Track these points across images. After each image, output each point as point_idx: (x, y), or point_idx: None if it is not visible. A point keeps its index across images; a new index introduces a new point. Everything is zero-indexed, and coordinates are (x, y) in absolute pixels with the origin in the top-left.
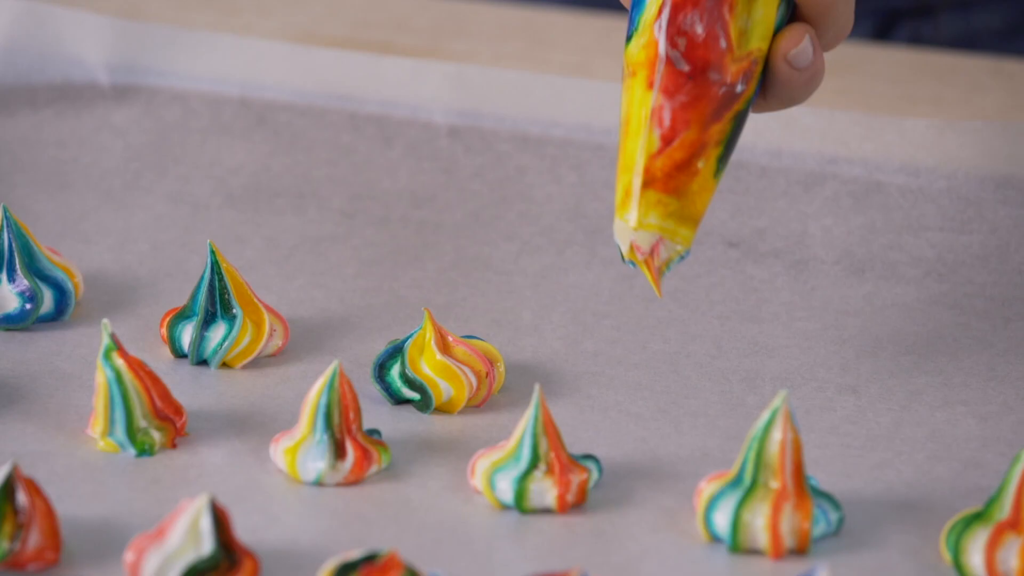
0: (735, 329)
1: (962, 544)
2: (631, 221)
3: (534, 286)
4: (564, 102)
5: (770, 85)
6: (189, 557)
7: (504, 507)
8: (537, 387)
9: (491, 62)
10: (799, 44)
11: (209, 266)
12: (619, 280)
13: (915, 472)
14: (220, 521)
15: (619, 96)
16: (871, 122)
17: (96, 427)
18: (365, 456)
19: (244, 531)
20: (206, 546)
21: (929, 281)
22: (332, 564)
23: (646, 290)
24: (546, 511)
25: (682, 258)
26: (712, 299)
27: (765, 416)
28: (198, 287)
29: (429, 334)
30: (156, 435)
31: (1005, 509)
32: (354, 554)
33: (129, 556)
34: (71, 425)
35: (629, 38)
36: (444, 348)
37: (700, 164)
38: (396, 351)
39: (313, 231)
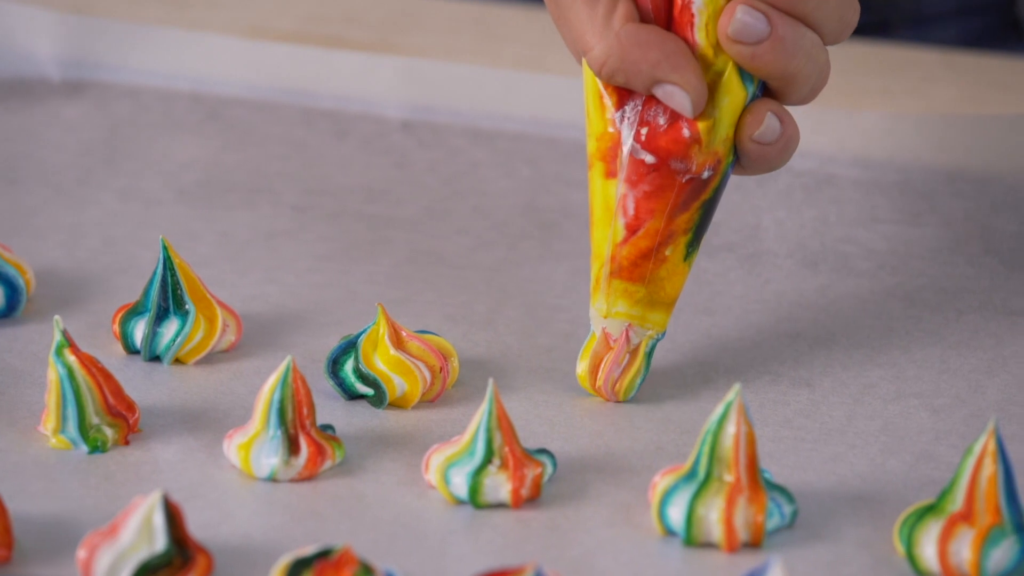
0: (689, 322)
1: (915, 536)
2: (601, 310)
3: (488, 280)
4: (517, 96)
5: (744, 161)
6: (142, 554)
7: (458, 502)
8: (491, 382)
9: (444, 56)
10: (761, 125)
11: (161, 262)
12: (573, 274)
13: (868, 465)
14: (173, 517)
15: (569, 88)
16: (823, 115)
17: (48, 424)
18: (319, 451)
19: (197, 527)
20: (159, 543)
21: (882, 274)
22: (286, 560)
23: None
24: (500, 506)
25: (658, 339)
26: None
27: (719, 410)
28: (150, 283)
29: (383, 329)
30: (109, 432)
31: (958, 501)
32: (308, 550)
33: (82, 553)
34: (23, 422)
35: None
36: (398, 343)
37: (668, 252)
38: (350, 346)
39: (266, 226)
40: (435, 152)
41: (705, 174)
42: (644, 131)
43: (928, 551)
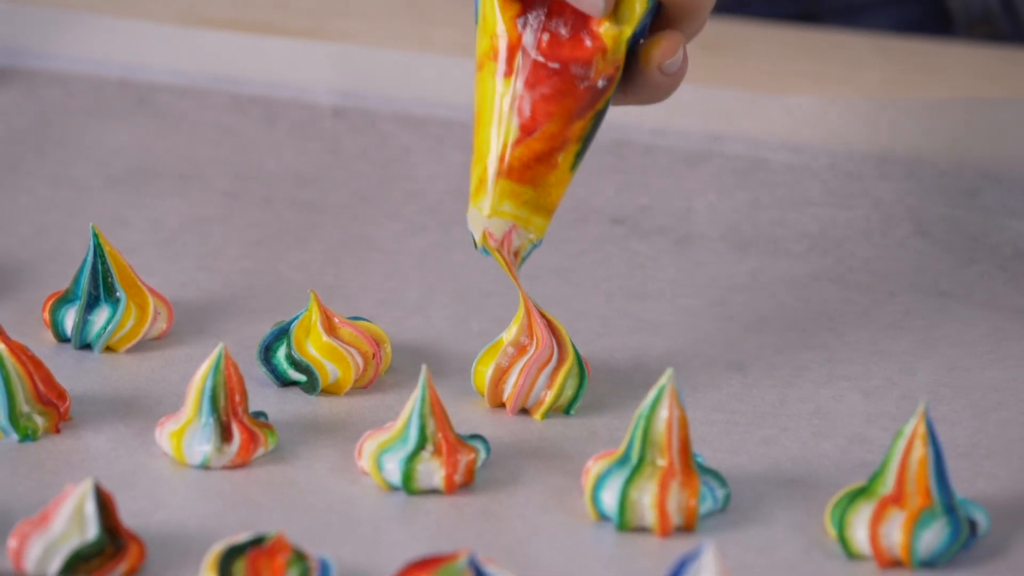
0: (621, 306)
1: (847, 519)
2: (484, 209)
3: (420, 265)
4: (448, 81)
5: (637, 86)
6: (73, 542)
7: (391, 488)
8: (424, 368)
9: (374, 42)
10: (674, 54)
11: (92, 249)
12: None
13: (800, 448)
14: (105, 506)
15: None
16: (754, 99)
17: None
18: (251, 439)
19: (129, 516)
20: (91, 531)
21: (813, 256)
22: (219, 548)
23: (531, 268)
24: (434, 492)
25: (535, 246)
26: (597, 276)
27: (652, 394)
28: (81, 270)
29: (315, 316)
30: (39, 420)
31: (889, 484)
32: (241, 537)
33: (12, 542)
34: None
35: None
36: (330, 330)
37: (560, 158)
38: (282, 333)
39: (197, 213)
40: (366, 138)
41: (600, 83)
42: (545, 38)
43: (859, 534)
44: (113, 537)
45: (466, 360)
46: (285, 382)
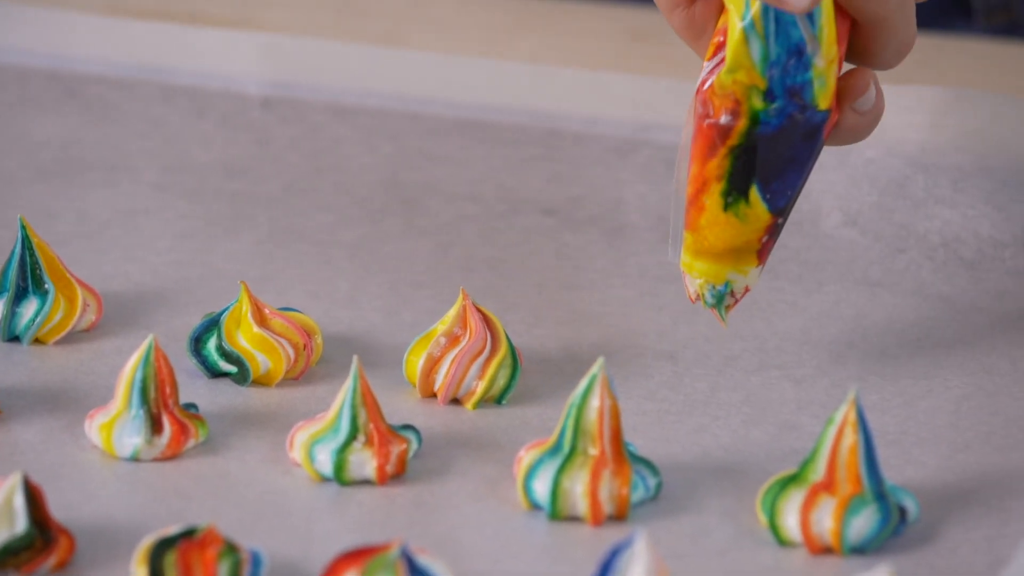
0: (553, 297)
1: (778, 506)
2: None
3: (351, 257)
4: (378, 71)
5: (837, 128)
6: (2, 536)
7: (323, 479)
8: (355, 359)
9: (304, 32)
10: (864, 93)
11: (19, 241)
12: (436, 250)
13: (731, 436)
14: (34, 499)
15: (430, 64)
16: (684, 88)
17: None
18: (182, 430)
19: (59, 508)
20: (19, 524)
21: None
22: (149, 540)
23: (463, 259)
24: (366, 482)
25: (719, 291)
26: (529, 267)
27: (583, 383)
28: (8, 262)
29: (245, 307)
30: None
31: (819, 471)
32: (172, 530)
33: None
34: None
35: None
36: (261, 320)
37: (705, 200)
38: (212, 324)
39: (125, 204)
40: (296, 129)
41: (723, 119)
42: (699, 82)
43: (790, 521)
44: (42, 530)
45: (398, 351)
46: (216, 373)
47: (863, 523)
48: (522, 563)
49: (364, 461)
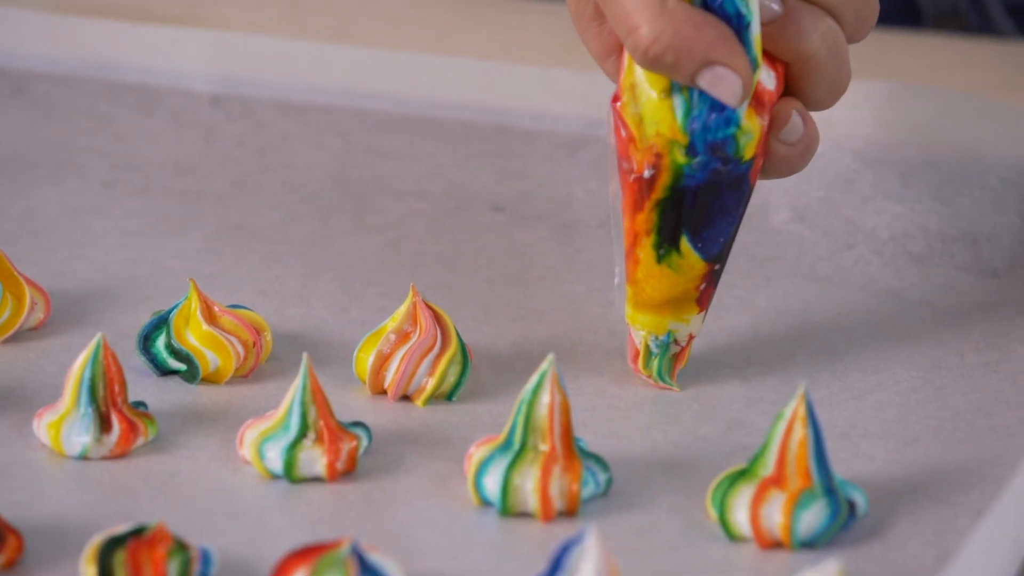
0: (502, 294)
1: (727, 501)
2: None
3: (300, 254)
4: (326, 68)
5: (768, 160)
6: None
7: (274, 477)
8: (305, 356)
9: (251, 29)
10: (787, 122)
11: None
12: (385, 247)
13: (681, 432)
14: None
15: (379, 60)
16: None
17: None
18: (131, 428)
19: (7, 508)
20: None
21: None
22: (98, 539)
23: (413, 256)
24: (316, 480)
25: (662, 341)
26: (479, 263)
27: (533, 379)
28: None
29: (194, 304)
30: None
31: (769, 466)
32: (121, 528)
33: None
34: None
35: None
36: (210, 318)
37: (639, 253)
38: (161, 322)
39: (73, 202)
40: (244, 125)
41: (646, 173)
42: (608, 135)
43: (740, 516)
44: None
45: (347, 348)
46: (165, 371)
47: (813, 517)
48: (473, 559)
49: (314, 458)
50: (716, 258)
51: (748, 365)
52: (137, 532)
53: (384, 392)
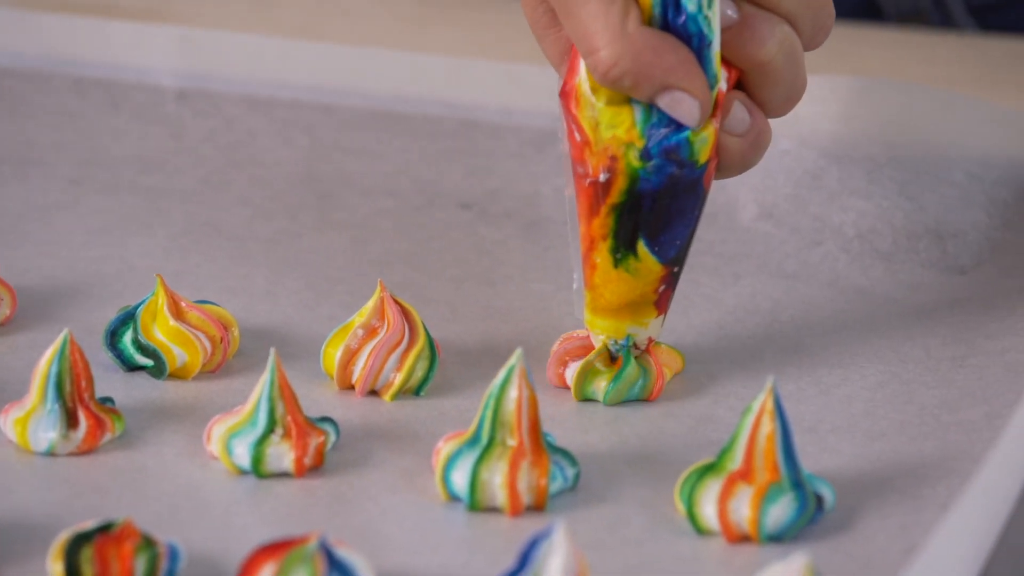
0: (470, 292)
1: (695, 495)
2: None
3: (267, 251)
4: (292, 64)
5: (720, 157)
6: None
7: (241, 472)
8: (272, 351)
9: (217, 24)
10: (728, 113)
11: None
12: (352, 244)
13: (649, 427)
14: None
15: (345, 56)
16: None
17: None
18: (98, 424)
19: None
20: None
21: None
22: (65, 535)
23: (380, 253)
24: (284, 475)
25: (621, 345)
26: (446, 261)
27: (501, 374)
28: None
29: (161, 300)
30: None
31: (737, 460)
32: (88, 524)
33: None
34: None
35: None
36: (177, 314)
37: (596, 258)
38: (128, 317)
39: (39, 199)
40: (211, 121)
41: (602, 177)
42: (565, 138)
43: (708, 510)
44: None
45: (315, 343)
46: (132, 367)
47: (780, 511)
48: (441, 554)
49: (282, 454)
50: (674, 261)
51: (716, 361)
52: (104, 528)
53: (352, 387)
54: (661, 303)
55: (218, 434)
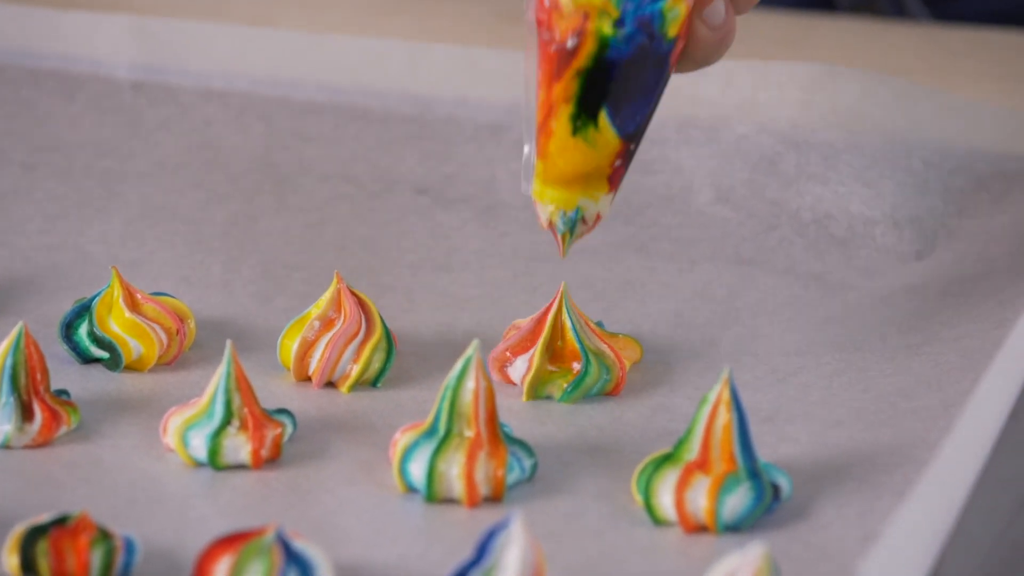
0: (427, 280)
1: (652, 486)
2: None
3: (223, 240)
4: (248, 53)
5: (687, 45)
6: None
7: (198, 464)
8: (229, 343)
9: (172, 13)
10: (712, 3)
11: None
12: (309, 231)
13: (606, 417)
14: None
15: (301, 44)
16: None
17: None
18: (53, 417)
19: None
20: None
21: (616, 225)
22: (20, 528)
23: (337, 239)
24: (240, 467)
25: (570, 217)
26: (403, 247)
27: (458, 365)
28: None
29: (117, 292)
30: None
31: (694, 450)
32: (44, 517)
33: None
34: None
35: None
36: (132, 306)
37: (553, 124)
38: (83, 310)
39: None
40: (167, 111)
41: (569, 43)
42: (530, 4)
43: (665, 500)
44: None
45: (271, 335)
46: (87, 359)
47: (737, 501)
48: (398, 546)
49: (239, 446)
50: (631, 136)
51: (672, 350)
52: (60, 521)
53: (309, 379)
54: (614, 179)
55: (174, 426)
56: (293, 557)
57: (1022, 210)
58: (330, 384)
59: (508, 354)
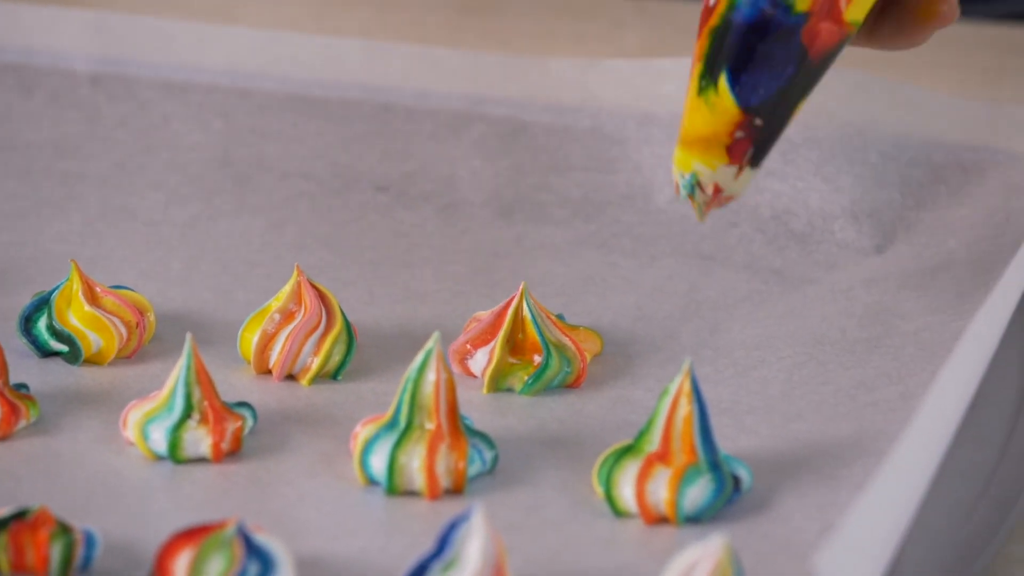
0: (387, 276)
1: (613, 477)
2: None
3: (183, 235)
4: (208, 48)
5: (909, 21)
6: None
7: (158, 458)
8: (189, 336)
9: (131, 8)
10: None
11: None
12: (269, 228)
13: (566, 410)
14: None
15: (260, 40)
16: (516, 63)
17: None
18: (12, 411)
19: None
20: None
21: (577, 222)
22: None
23: (297, 236)
24: (201, 460)
25: (687, 180)
26: (363, 245)
27: (419, 358)
28: None
29: (76, 285)
30: None
31: (655, 441)
32: (2, 511)
33: None
34: None
35: None
36: (92, 299)
37: (691, 81)
38: (42, 303)
39: None
40: (126, 106)
41: (711, 1)
42: None
43: (626, 491)
44: None
45: (231, 328)
46: (46, 353)
47: (698, 493)
48: (360, 538)
49: (199, 439)
50: (754, 110)
51: (633, 343)
52: (19, 515)
53: (269, 372)
54: (735, 152)
55: (134, 420)
56: (254, 551)
57: (980, 203)
58: (290, 377)
59: (469, 347)
